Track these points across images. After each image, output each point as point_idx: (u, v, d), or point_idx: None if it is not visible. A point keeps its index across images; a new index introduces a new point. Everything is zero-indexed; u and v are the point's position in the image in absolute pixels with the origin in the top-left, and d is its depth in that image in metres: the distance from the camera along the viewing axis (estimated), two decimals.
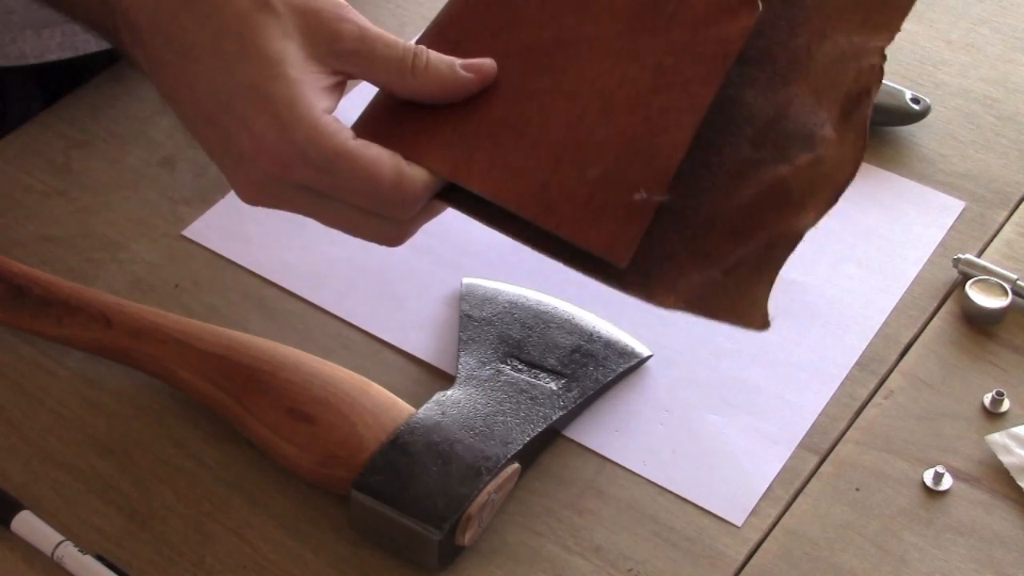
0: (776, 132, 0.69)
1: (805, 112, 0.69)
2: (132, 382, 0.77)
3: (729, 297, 0.66)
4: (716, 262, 0.66)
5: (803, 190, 0.67)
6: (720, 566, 0.70)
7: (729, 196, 0.68)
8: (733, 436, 0.75)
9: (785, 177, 0.68)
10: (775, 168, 0.68)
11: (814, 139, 0.68)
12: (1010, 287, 0.80)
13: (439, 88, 0.67)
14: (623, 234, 0.65)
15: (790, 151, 0.68)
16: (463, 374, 0.75)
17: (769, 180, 0.68)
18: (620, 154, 0.66)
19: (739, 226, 0.67)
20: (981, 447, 0.74)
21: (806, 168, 0.68)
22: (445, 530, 0.67)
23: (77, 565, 0.69)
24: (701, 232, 0.67)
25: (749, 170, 0.68)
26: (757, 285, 0.66)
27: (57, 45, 0.95)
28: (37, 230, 0.86)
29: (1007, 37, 0.99)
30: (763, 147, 0.69)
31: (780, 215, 0.67)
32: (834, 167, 0.68)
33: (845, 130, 0.68)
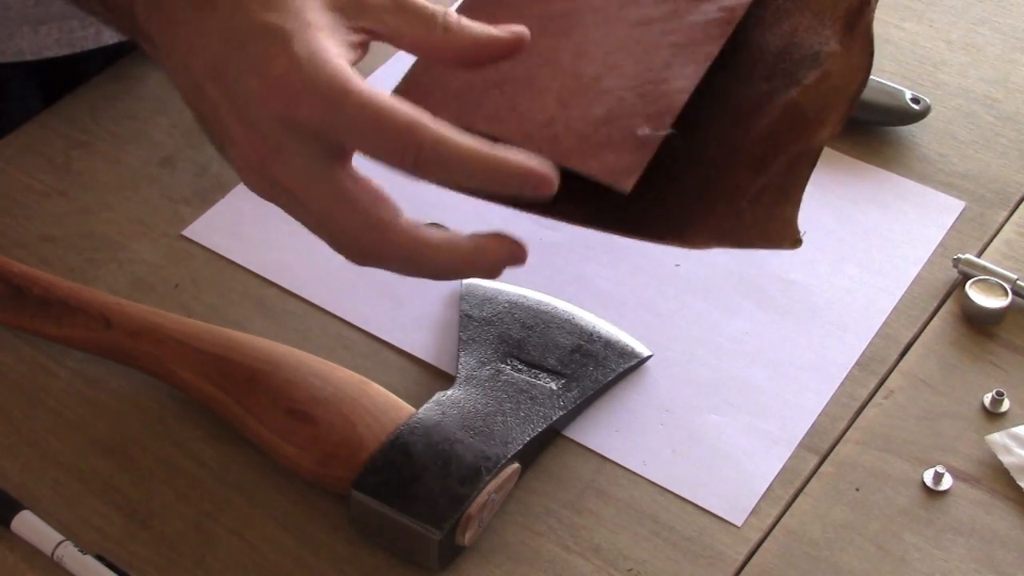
0: (785, 61, 0.70)
1: (810, 36, 0.70)
2: (132, 382, 0.77)
3: (759, 224, 0.67)
4: (742, 194, 0.67)
5: (817, 107, 0.68)
6: (720, 566, 0.70)
7: (747, 131, 0.68)
8: (733, 436, 0.75)
9: (796, 99, 0.68)
10: (786, 93, 0.69)
11: (819, 56, 0.69)
12: (1010, 287, 0.80)
13: (472, 44, 0.65)
14: (626, 162, 0.65)
15: (798, 74, 0.69)
16: (463, 374, 0.75)
17: (782, 106, 0.68)
18: (624, 97, 0.67)
19: (759, 157, 0.68)
20: (981, 447, 0.74)
21: (815, 85, 0.68)
22: (445, 530, 0.67)
23: (77, 565, 0.69)
24: (725, 171, 0.68)
25: (764, 103, 0.69)
26: (784, 206, 0.67)
27: (54, 42, 0.95)
28: (37, 230, 0.86)
29: (1007, 37, 0.99)
30: (774, 78, 0.69)
31: (798, 136, 0.68)
32: (843, 78, 0.68)
33: (850, 42, 0.69)
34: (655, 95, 0.67)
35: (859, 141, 0.91)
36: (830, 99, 0.68)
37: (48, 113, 0.93)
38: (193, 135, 0.91)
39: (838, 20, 0.70)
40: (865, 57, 0.68)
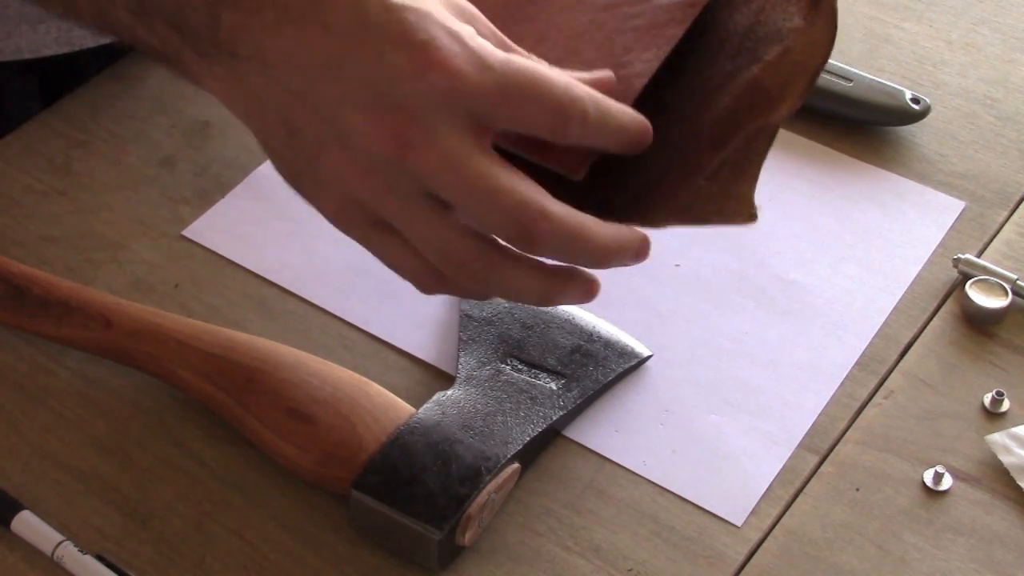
0: (750, 39, 0.69)
1: (776, 13, 0.69)
2: (132, 382, 0.77)
3: (715, 200, 0.66)
4: (701, 172, 0.67)
5: (778, 83, 0.67)
6: (720, 566, 0.70)
7: (709, 110, 0.68)
8: (733, 436, 0.75)
9: (758, 76, 0.68)
10: (748, 71, 0.68)
11: (781, 32, 0.68)
12: (1010, 287, 0.80)
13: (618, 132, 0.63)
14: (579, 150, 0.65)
15: (759, 51, 0.69)
16: (463, 374, 0.75)
17: (743, 83, 0.68)
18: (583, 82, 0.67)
19: (720, 135, 0.68)
20: (981, 447, 0.74)
21: (776, 62, 0.68)
22: (445, 530, 0.67)
23: (77, 565, 0.69)
24: (688, 151, 0.68)
25: (726, 81, 0.69)
26: (741, 182, 0.66)
27: (53, 40, 0.95)
28: (37, 230, 0.86)
29: (1007, 37, 0.99)
30: (739, 56, 0.69)
31: (758, 112, 0.67)
32: (804, 54, 0.67)
33: (814, 16, 0.68)
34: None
35: (859, 141, 0.91)
36: (791, 75, 0.67)
37: (48, 113, 0.93)
38: (193, 135, 0.91)
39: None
40: (828, 32, 0.67)
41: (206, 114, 0.93)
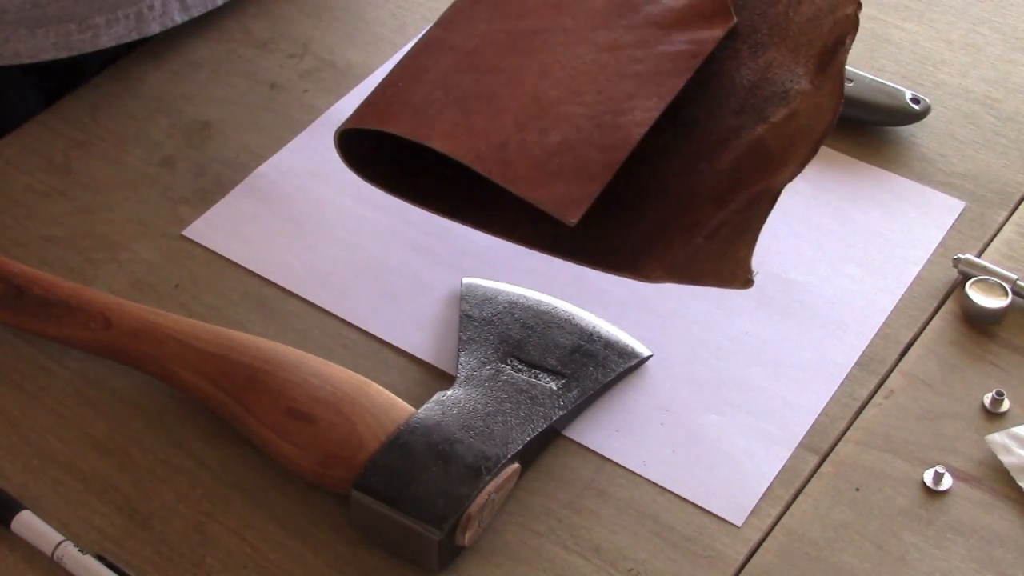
0: (756, 97, 0.69)
1: (783, 72, 0.69)
2: (132, 382, 0.77)
3: (712, 261, 0.66)
4: (700, 230, 0.67)
5: (782, 146, 0.67)
6: (720, 566, 0.70)
7: (712, 165, 0.68)
8: (733, 436, 0.75)
9: (763, 136, 0.68)
10: (752, 130, 0.68)
11: (788, 95, 0.69)
12: (1010, 287, 0.80)
13: None
14: (575, 194, 0.65)
15: (766, 110, 0.69)
16: (463, 374, 0.75)
17: (747, 142, 0.68)
18: (582, 126, 0.67)
19: (721, 192, 0.67)
20: (981, 447, 0.74)
21: (782, 123, 0.68)
22: (445, 530, 0.67)
23: (77, 565, 0.69)
24: (686, 204, 0.67)
25: (730, 137, 0.69)
26: (740, 245, 0.66)
27: (52, 45, 0.95)
28: (37, 230, 0.86)
29: (1007, 37, 0.99)
30: (744, 113, 0.69)
31: (761, 174, 0.67)
32: (810, 118, 0.68)
33: (822, 81, 0.69)
34: (613, 126, 0.67)
35: (859, 141, 0.91)
36: (796, 139, 0.68)
37: (48, 113, 0.93)
38: (193, 135, 0.91)
39: (812, 58, 0.69)
40: (834, 99, 0.68)
41: (206, 114, 0.93)
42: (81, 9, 0.92)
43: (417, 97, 0.68)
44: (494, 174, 0.65)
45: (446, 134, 0.66)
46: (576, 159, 0.65)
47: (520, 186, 0.65)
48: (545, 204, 0.64)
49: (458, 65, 0.70)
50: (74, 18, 0.93)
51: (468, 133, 0.66)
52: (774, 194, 0.67)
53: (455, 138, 0.66)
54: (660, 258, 0.66)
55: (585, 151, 0.66)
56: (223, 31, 0.99)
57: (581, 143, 0.66)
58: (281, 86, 0.95)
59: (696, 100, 0.69)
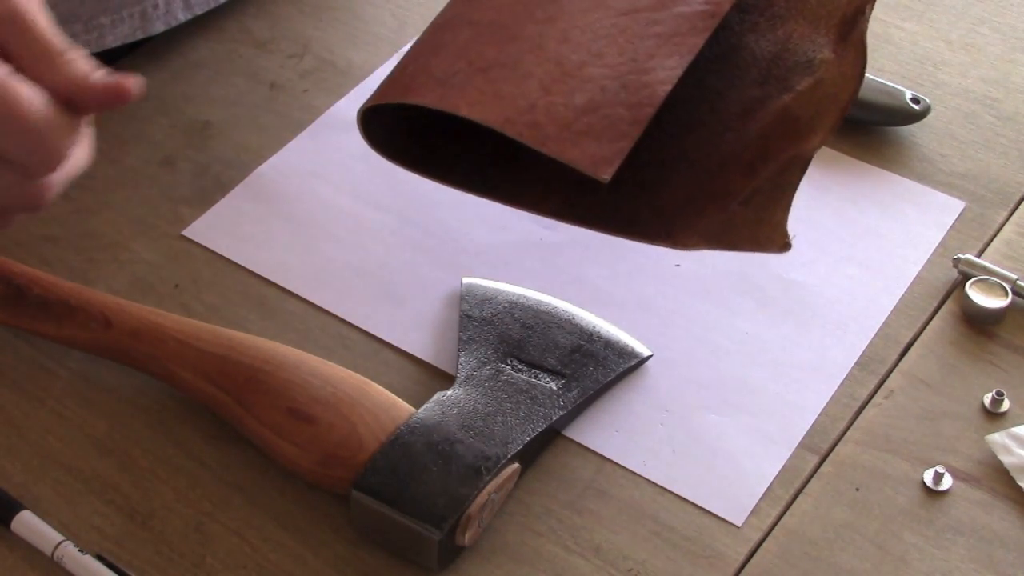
0: (778, 67, 0.70)
1: (804, 43, 0.70)
2: (132, 382, 0.77)
3: (749, 227, 0.67)
4: (733, 197, 0.67)
5: (809, 114, 0.68)
6: (720, 566, 0.70)
7: (739, 135, 0.69)
8: (733, 436, 0.75)
9: (789, 105, 0.69)
10: (779, 99, 0.69)
11: (813, 64, 0.69)
12: (1010, 287, 0.80)
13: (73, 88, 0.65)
14: (606, 151, 0.65)
15: (791, 80, 0.69)
16: (463, 374, 0.75)
17: (775, 111, 0.69)
18: (607, 87, 0.67)
19: (752, 160, 0.68)
20: (981, 447, 0.74)
21: (808, 92, 0.69)
22: (445, 530, 0.67)
23: (77, 565, 0.69)
24: (717, 173, 0.68)
25: (756, 107, 0.69)
26: (775, 210, 0.67)
27: None
28: (37, 230, 0.86)
29: (1007, 37, 0.99)
30: (767, 83, 0.70)
31: (790, 142, 0.68)
32: (836, 86, 0.69)
33: (844, 51, 0.70)
34: (637, 85, 0.67)
35: (859, 141, 0.91)
36: (822, 106, 0.68)
37: None
38: (193, 135, 0.91)
39: (832, 28, 0.70)
40: (858, 66, 0.69)
41: (206, 114, 0.93)
42: (86, 10, 0.92)
43: (440, 69, 0.68)
44: (524, 136, 0.65)
45: (474, 102, 0.66)
46: (604, 117, 0.66)
47: (551, 146, 0.65)
48: (577, 162, 0.64)
49: (478, 36, 0.70)
50: (79, 19, 0.93)
51: (496, 99, 0.66)
52: (805, 160, 0.68)
53: (483, 105, 0.66)
54: (694, 226, 0.67)
55: (612, 110, 0.66)
56: (223, 31, 0.99)
57: (608, 102, 0.66)
58: (281, 86, 0.95)
59: (717, 72, 0.70)
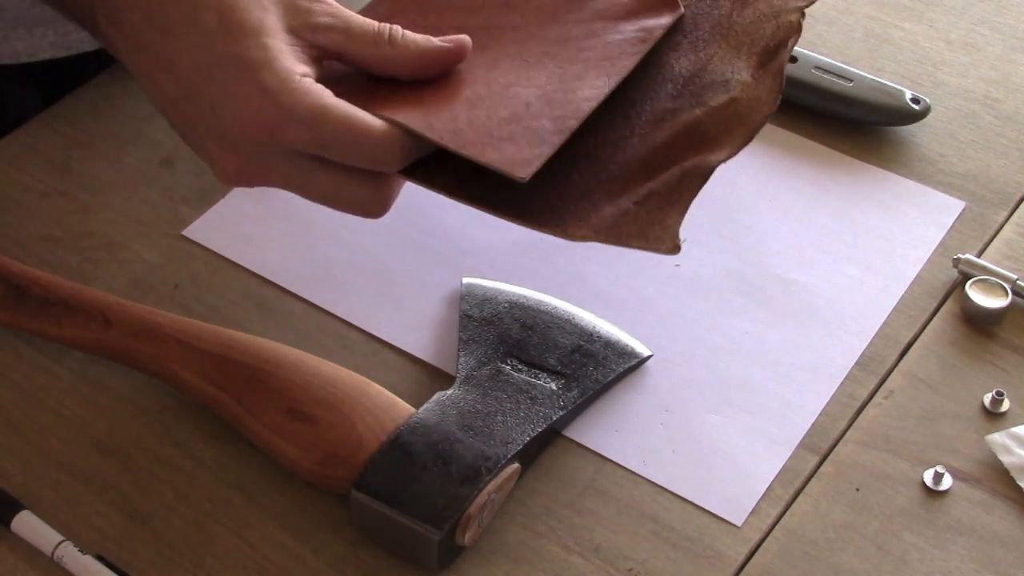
0: (694, 84, 0.72)
1: (723, 65, 0.72)
2: (132, 382, 0.77)
3: (639, 224, 0.67)
4: (629, 195, 0.68)
5: (718, 129, 0.69)
6: (720, 566, 0.70)
7: (646, 141, 0.70)
8: (733, 436, 0.75)
9: (700, 118, 0.70)
10: (691, 112, 0.70)
11: (729, 83, 0.71)
12: (1010, 287, 0.80)
13: (416, 57, 0.68)
14: (525, 154, 0.66)
15: (705, 96, 0.71)
16: (463, 374, 0.75)
17: (684, 122, 0.70)
18: (532, 103, 0.68)
19: (654, 165, 0.69)
20: (981, 447, 0.74)
21: (721, 108, 0.70)
22: (445, 530, 0.67)
23: (77, 565, 0.69)
24: (615, 173, 0.69)
25: (667, 117, 0.70)
26: (668, 212, 0.68)
27: (50, 44, 0.95)
28: (37, 230, 0.86)
29: (1007, 37, 0.99)
30: (681, 97, 0.71)
31: (695, 151, 0.69)
32: (749, 107, 0.70)
33: (761, 76, 0.71)
34: (563, 101, 0.68)
35: (859, 141, 0.91)
36: (732, 124, 0.70)
37: (48, 113, 0.93)
38: None
39: (753, 55, 0.72)
40: (773, 93, 0.70)
41: None
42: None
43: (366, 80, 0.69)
44: (445, 140, 0.66)
45: (396, 108, 0.67)
46: (527, 128, 0.67)
47: (470, 149, 0.66)
48: (496, 164, 0.66)
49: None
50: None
51: (419, 108, 0.68)
52: (706, 170, 0.68)
53: (406, 112, 0.67)
54: (586, 219, 0.67)
55: (536, 121, 0.68)
56: None
57: (532, 115, 0.68)
58: None
59: (634, 82, 0.71)
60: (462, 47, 0.69)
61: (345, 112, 0.65)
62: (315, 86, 0.65)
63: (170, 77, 0.67)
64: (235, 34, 0.65)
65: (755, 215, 0.86)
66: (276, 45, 0.65)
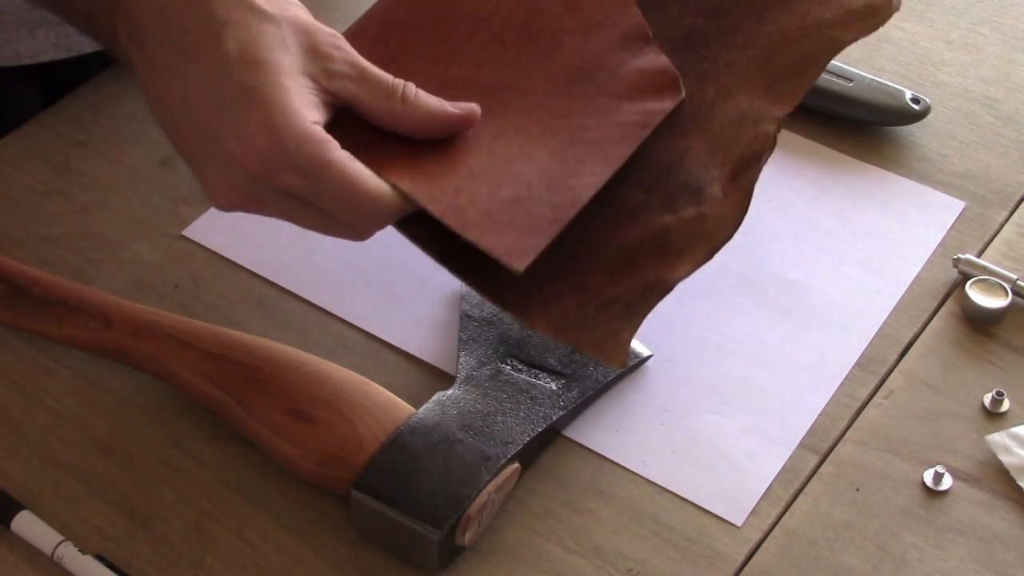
0: (668, 179, 0.72)
1: (698, 166, 0.72)
2: (132, 382, 0.77)
3: (598, 333, 0.69)
4: (591, 296, 0.69)
5: (683, 242, 0.70)
6: (720, 566, 0.70)
7: (614, 234, 0.71)
8: (733, 436, 0.75)
9: (668, 226, 0.71)
10: (660, 216, 0.71)
11: (702, 195, 0.71)
12: (1010, 287, 0.80)
13: (425, 119, 0.68)
14: (524, 244, 0.67)
15: (677, 201, 0.72)
16: (463, 374, 0.75)
17: (653, 227, 0.71)
18: (533, 185, 0.69)
19: (617, 266, 0.70)
20: (981, 447, 0.74)
21: (689, 221, 0.71)
22: (445, 530, 0.67)
23: (77, 565, 0.69)
24: (583, 263, 0.70)
25: (637, 213, 0.72)
26: (625, 326, 0.69)
27: (52, 46, 0.95)
28: (37, 230, 0.86)
29: (1007, 37, 0.99)
30: (653, 192, 0.72)
31: (657, 262, 0.70)
32: (715, 225, 0.71)
33: (731, 191, 0.72)
34: (562, 187, 0.69)
35: (859, 141, 0.91)
36: (697, 239, 0.70)
37: (48, 113, 0.93)
38: None
39: (728, 163, 0.72)
40: (738, 213, 0.71)
41: None
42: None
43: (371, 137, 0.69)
44: (446, 217, 0.66)
45: (401, 174, 0.67)
46: (526, 213, 0.68)
47: (470, 231, 0.66)
48: (493, 250, 0.66)
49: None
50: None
51: (422, 173, 0.68)
52: (666, 288, 0.70)
53: (409, 176, 0.67)
54: (549, 310, 0.69)
55: (536, 207, 0.68)
56: None
57: (532, 199, 0.68)
58: None
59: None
60: (471, 116, 0.69)
61: (344, 172, 0.65)
62: (322, 135, 0.65)
63: (180, 101, 0.67)
64: (252, 68, 0.65)
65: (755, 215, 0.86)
66: (291, 87, 0.66)
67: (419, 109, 0.68)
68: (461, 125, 0.69)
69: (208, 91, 0.66)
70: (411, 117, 0.68)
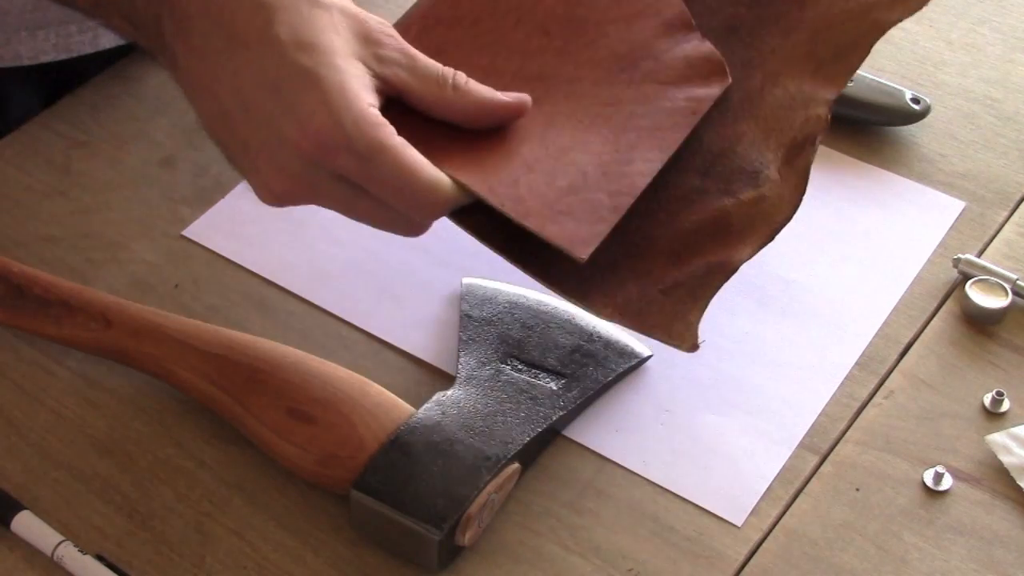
0: (723, 165, 0.72)
1: (752, 150, 0.72)
2: (132, 382, 0.77)
3: (665, 316, 0.68)
4: (655, 281, 0.69)
5: (743, 224, 0.70)
6: (720, 566, 0.70)
7: (673, 220, 0.71)
8: (733, 436, 0.75)
9: (728, 210, 0.71)
10: (719, 200, 0.71)
11: (759, 177, 0.71)
12: (1010, 287, 0.80)
13: (477, 107, 0.68)
14: (585, 232, 0.66)
15: (734, 185, 0.72)
16: (463, 374, 0.75)
17: (712, 211, 0.71)
18: (589, 173, 0.69)
19: (679, 250, 0.70)
20: (981, 447, 0.74)
21: (748, 204, 0.71)
22: (445, 530, 0.67)
23: (77, 565, 0.69)
24: (644, 250, 0.70)
25: (694, 198, 0.71)
26: (692, 308, 0.69)
27: (52, 47, 0.95)
28: (37, 230, 0.86)
29: (1007, 37, 0.99)
30: (709, 177, 0.72)
31: (719, 245, 0.70)
32: (773, 207, 0.71)
33: (788, 174, 0.71)
34: (618, 174, 0.69)
35: (859, 141, 0.91)
36: (757, 221, 0.71)
37: (48, 113, 0.93)
38: (193, 135, 0.91)
39: (781, 147, 0.72)
40: (796, 194, 0.71)
41: None
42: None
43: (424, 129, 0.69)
44: (506, 207, 0.66)
45: (459, 167, 0.67)
46: (585, 201, 0.67)
47: (532, 221, 0.66)
48: (557, 239, 0.66)
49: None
50: (74, 19, 0.93)
51: (480, 167, 0.67)
52: (731, 269, 0.70)
53: (464, 168, 0.67)
54: (612, 296, 0.68)
55: (593, 195, 0.68)
56: None
57: (589, 187, 0.68)
58: None
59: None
60: (523, 105, 0.69)
61: (401, 157, 0.64)
62: (379, 118, 0.65)
63: (230, 89, 0.66)
64: (307, 50, 0.65)
65: None
66: (348, 68, 0.65)
67: (470, 96, 0.68)
68: (513, 113, 0.69)
69: (261, 74, 0.65)
70: (463, 105, 0.68)
